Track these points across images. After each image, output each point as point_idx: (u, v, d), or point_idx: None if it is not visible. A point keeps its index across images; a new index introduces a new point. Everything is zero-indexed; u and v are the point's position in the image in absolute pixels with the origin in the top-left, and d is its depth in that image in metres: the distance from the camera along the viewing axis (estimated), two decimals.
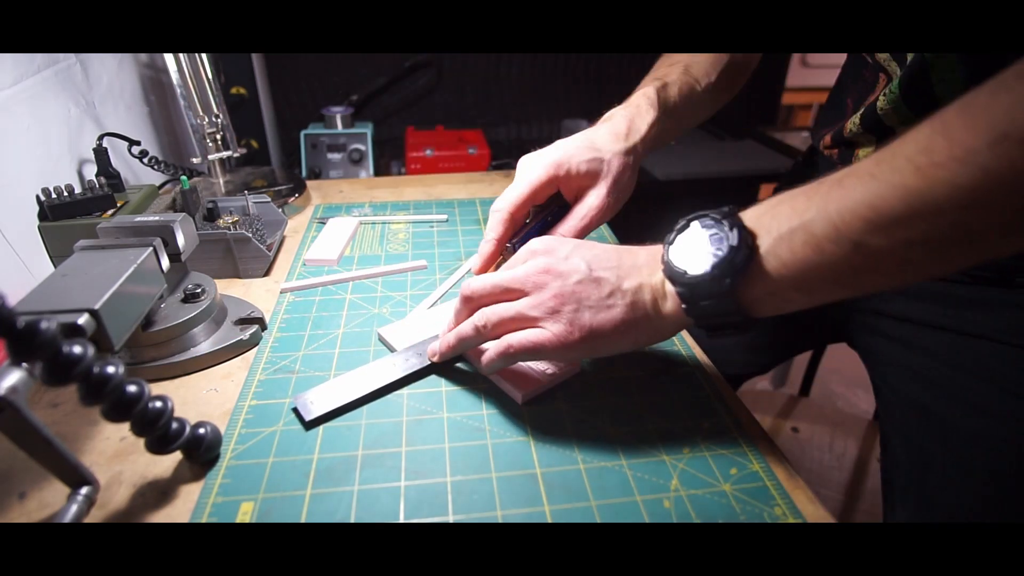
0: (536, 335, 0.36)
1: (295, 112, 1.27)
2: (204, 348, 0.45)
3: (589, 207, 0.46)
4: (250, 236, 0.56)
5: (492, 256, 0.46)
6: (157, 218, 0.44)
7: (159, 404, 0.33)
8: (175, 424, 0.34)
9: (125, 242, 0.42)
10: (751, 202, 0.34)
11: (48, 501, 0.34)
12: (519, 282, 0.37)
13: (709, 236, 0.33)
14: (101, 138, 0.62)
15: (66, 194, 0.55)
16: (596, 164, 0.46)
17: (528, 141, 1.42)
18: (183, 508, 0.34)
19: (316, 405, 0.40)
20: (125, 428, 0.32)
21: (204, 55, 0.69)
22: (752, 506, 0.34)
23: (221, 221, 0.61)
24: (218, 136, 0.73)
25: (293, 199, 0.73)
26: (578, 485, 0.35)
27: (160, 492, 0.35)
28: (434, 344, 0.43)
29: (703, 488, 0.35)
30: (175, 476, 0.36)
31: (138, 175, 0.75)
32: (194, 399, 0.42)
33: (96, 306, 0.33)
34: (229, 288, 0.56)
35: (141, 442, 0.33)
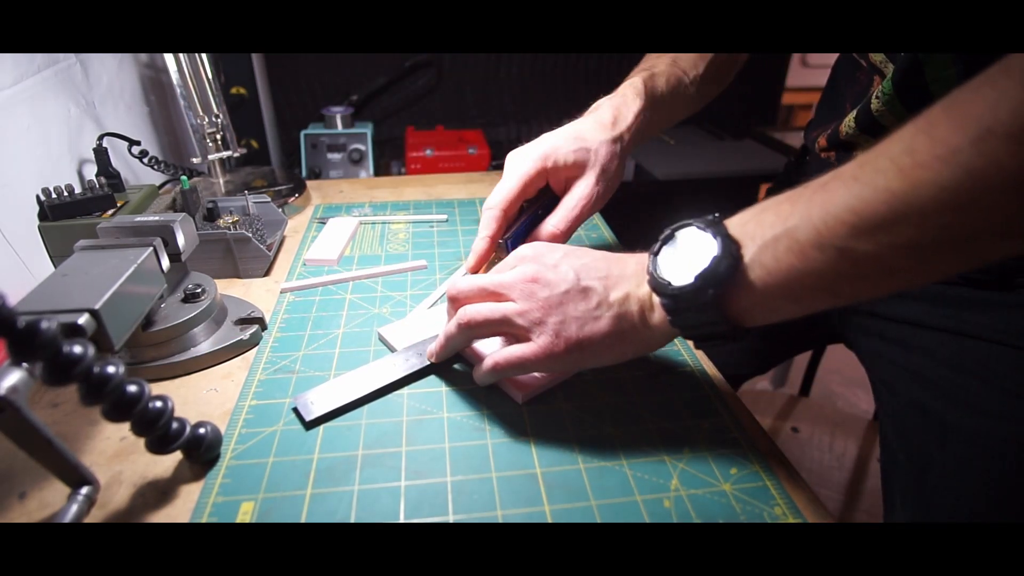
0: (521, 351, 0.36)
1: (295, 112, 1.27)
2: (204, 348, 0.45)
3: (579, 197, 0.46)
4: (250, 236, 0.56)
5: (486, 254, 0.46)
6: (157, 218, 0.44)
7: (159, 404, 0.33)
8: (175, 424, 0.34)
9: (125, 242, 0.42)
10: (751, 202, 0.34)
11: (48, 501, 0.34)
12: (506, 288, 0.37)
13: (693, 245, 0.33)
14: (101, 138, 0.62)
15: (66, 194, 0.55)
16: (583, 154, 0.46)
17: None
18: (183, 508, 0.34)
19: (316, 405, 0.40)
20: (125, 428, 0.32)
21: (204, 55, 0.69)
22: (752, 506, 0.34)
23: (221, 221, 0.61)
24: (218, 136, 0.73)
25: (293, 199, 0.73)
26: (578, 485, 0.35)
27: (160, 492, 0.35)
28: (432, 344, 0.44)
29: (703, 488, 0.35)
30: (175, 476, 0.36)
31: (138, 175, 0.75)
32: (194, 399, 0.42)
33: (96, 306, 0.33)
34: (229, 288, 0.56)
35: (141, 442, 0.33)
